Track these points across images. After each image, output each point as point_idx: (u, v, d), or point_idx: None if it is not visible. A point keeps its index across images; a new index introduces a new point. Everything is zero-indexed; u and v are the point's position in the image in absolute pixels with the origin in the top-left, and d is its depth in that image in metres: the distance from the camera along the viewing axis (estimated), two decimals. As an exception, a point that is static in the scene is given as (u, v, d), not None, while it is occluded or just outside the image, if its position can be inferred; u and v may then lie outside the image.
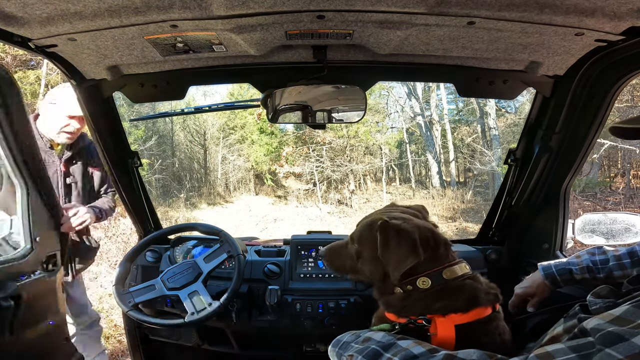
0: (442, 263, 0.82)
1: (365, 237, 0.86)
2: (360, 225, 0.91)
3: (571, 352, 0.46)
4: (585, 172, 10.32)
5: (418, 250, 0.78)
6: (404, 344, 0.65)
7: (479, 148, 12.37)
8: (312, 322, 1.46)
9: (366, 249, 0.86)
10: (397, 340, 0.67)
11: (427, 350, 0.62)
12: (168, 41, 1.04)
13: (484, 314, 0.77)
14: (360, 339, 0.71)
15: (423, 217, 0.97)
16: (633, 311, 0.47)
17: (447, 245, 0.87)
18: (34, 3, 0.82)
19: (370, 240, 0.83)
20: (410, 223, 0.84)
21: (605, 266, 1.05)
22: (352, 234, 0.92)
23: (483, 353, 0.57)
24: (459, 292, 0.79)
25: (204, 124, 15.84)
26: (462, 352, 0.59)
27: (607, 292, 0.63)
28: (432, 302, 0.78)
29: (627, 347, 0.43)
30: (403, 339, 0.67)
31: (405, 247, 0.79)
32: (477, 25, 0.95)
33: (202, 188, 15.25)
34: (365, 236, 0.86)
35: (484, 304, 0.79)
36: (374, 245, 0.82)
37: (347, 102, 1.27)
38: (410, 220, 0.86)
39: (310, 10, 0.89)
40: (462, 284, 0.80)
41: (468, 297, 0.78)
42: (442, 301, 0.77)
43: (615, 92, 1.18)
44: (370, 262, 0.85)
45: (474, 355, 0.57)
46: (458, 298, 0.78)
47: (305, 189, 14.54)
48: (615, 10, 0.86)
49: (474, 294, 0.79)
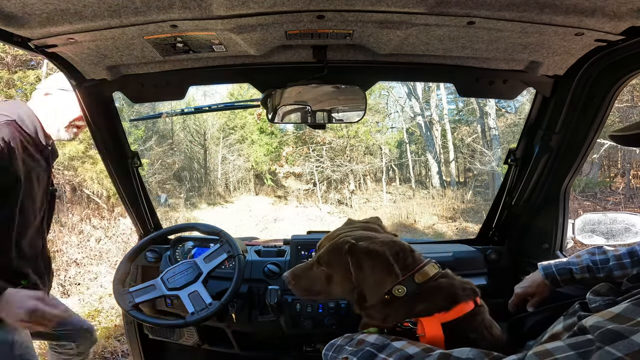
0: (411, 269, 0.82)
1: (335, 260, 0.84)
2: (327, 248, 0.88)
3: (570, 350, 0.46)
4: (585, 172, 10.32)
5: (395, 270, 0.78)
6: (398, 345, 0.65)
7: (479, 148, 12.37)
8: (312, 322, 1.46)
9: (337, 272, 0.84)
10: (392, 342, 0.67)
11: (421, 350, 0.62)
12: (168, 41, 1.04)
13: (466, 310, 0.78)
14: (354, 342, 0.71)
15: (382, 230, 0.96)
16: (633, 309, 0.47)
17: (412, 251, 0.87)
18: (33, 3, 0.82)
19: (341, 264, 0.82)
20: (377, 242, 0.84)
21: (605, 266, 1.05)
22: (319, 256, 0.89)
23: (479, 351, 0.57)
24: (437, 292, 0.79)
25: (204, 124, 15.84)
26: (457, 351, 0.59)
27: (606, 290, 0.63)
28: (413, 306, 0.78)
29: (627, 345, 0.43)
30: (397, 340, 0.67)
31: (381, 269, 0.78)
32: (477, 25, 0.95)
33: (202, 188, 15.26)
34: (335, 260, 0.84)
35: (465, 300, 0.79)
36: (346, 269, 0.81)
37: (347, 102, 1.27)
38: (376, 239, 0.85)
39: (310, 10, 0.89)
40: (437, 284, 0.80)
41: (446, 295, 0.79)
42: (423, 303, 0.78)
43: (615, 92, 1.18)
44: (342, 285, 0.84)
45: (469, 354, 0.57)
46: (437, 298, 0.78)
47: (305, 189, 14.54)
48: (615, 10, 0.86)
49: (452, 291, 0.79)
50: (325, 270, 0.87)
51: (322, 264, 0.88)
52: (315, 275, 0.89)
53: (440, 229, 11.20)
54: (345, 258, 0.81)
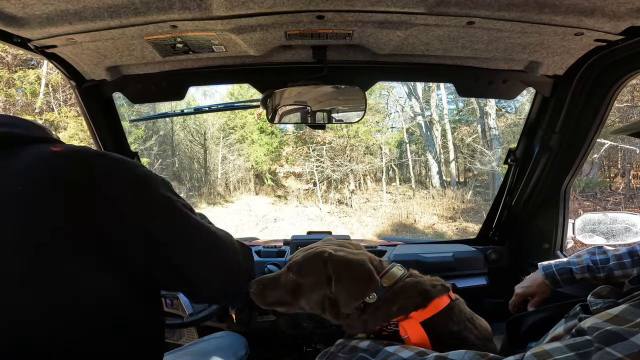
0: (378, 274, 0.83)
1: (309, 270, 0.84)
2: (302, 257, 0.87)
3: (569, 351, 0.46)
4: (585, 172, 10.32)
5: (374, 277, 0.80)
6: (391, 349, 0.64)
7: (479, 148, 12.37)
8: (312, 322, 1.46)
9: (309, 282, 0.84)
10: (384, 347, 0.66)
11: (415, 354, 0.61)
12: (168, 42, 1.04)
13: (442, 305, 0.78)
14: (347, 349, 0.71)
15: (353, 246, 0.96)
16: (631, 310, 0.47)
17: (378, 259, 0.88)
18: (33, 4, 0.82)
19: (316, 273, 0.83)
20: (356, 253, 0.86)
21: (605, 265, 1.05)
22: (290, 265, 0.88)
23: (475, 353, 0.57)
24: (406, 291, 0.80)
25: (204, 123, 15.85)
26: (452, 353, 0.58)
27: (607, 292, 0.63)
28: (388, 309, 0.78)
29: (627, 346, 0.43)
30: (390, 345, 0.67)
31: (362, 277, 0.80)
32: (476, 25, 0.95)
33: (202, 188, 15.26)
34: (310, 269, 0.84)
35: (437, 295, 0.79)
36: (320, 279, 0.82)
37: (347, 102, 1.27)
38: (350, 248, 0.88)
39: (310, 10, 0.89)
40: (404, 284, 0.81)
41: (417, 292, 0.79)
42: (396, 304, 0.78)
43: (615, 92, 1.18)
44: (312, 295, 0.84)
45: (465, 356, 0.57)
46: (409, 296, 0.79)
47: (305, 188, 14.54)
48: (615, 10, 0.86)
49: (422, 288, 0.80)
50: (295, 279, 0.86)
51: (294, 273, 0.86)
52: (283, 285, 0.88)
53: (440, 229, 11.21)
54: (323, 267, 0.82)
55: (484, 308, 1.58)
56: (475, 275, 1.58)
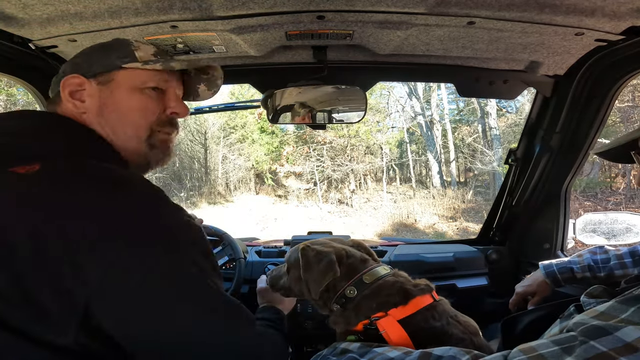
0: (360, 271, 0.87)
1: (292, 259, 0.96)
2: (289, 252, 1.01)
3: (554, 345, 0.47)
4: (586, 172, 10.30)
5: (335, 267, 0.86)
6: (379, 350, 0.66)
7: (480, 148, 12.35)
8: (312, 322, 1.46)
9: (293, 270, 0.95)
10: (374, 348, 0.68)
11: (402, 353, 0.63)
12: (168, 42, 1.04)
13: (423, 303, 0.79)
14: (338, 351, 0.73)
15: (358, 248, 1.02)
16: (617, 306, 0.47)
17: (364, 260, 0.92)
18: (34, 4, 0.82)
19: (295, 262, 0.93)
20: (328, 246, 0.93)
21: (606, 265, 1.05)
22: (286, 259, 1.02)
23: (459, 349, 0.58)
24: (385, 288, 0.82)
25: (205, 123, 15.84)
26: (437, 349, 0.59)
27: (600, 291, 0.64)
28: (368, 305, 0.81)
29: (611, 341, 0.43)
30: (379, 346, 0.69)
31: (324, 265, 0.87)
32: (477, 25, 0.95)
33: (202, 187, 15.26)
34: (292, 259, 0.96)
35: (419, 294, 0.80)
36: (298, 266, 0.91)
37: (347, 102, 1.27)
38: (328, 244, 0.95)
39: (310, 10, 0.89)
40: (385, 282, 0.84)
41: (396, 290, 0.81)
42: (375, 300, 0.80)
43: (616, 92, 1.18)
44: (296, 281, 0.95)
45: (449, 352, 0.58)
46: (389, 293, 0.81)
47: (306, 188, 14.54)
48: (615, 10, 0.86)
49: (402, 286, 0.82)
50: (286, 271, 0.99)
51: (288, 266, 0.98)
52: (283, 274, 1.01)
53: (441, 228, 11.20)
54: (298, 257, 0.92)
55: (485, 308, 1.59)
56: (476, 275, 1.58)
